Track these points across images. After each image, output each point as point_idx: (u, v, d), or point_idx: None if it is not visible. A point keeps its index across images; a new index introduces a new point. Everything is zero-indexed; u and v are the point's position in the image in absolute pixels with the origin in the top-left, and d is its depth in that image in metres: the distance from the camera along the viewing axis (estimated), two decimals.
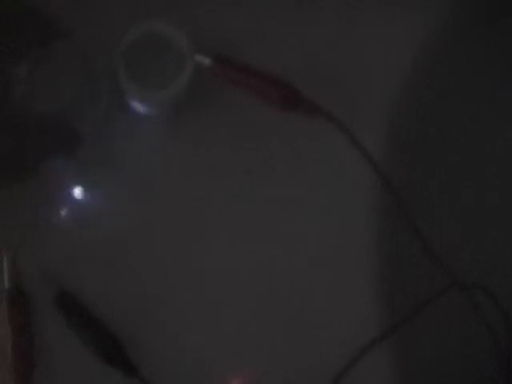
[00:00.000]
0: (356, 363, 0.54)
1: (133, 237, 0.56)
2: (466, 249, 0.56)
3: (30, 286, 0.55)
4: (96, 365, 0.53)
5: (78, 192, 0.56)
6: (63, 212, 0.56)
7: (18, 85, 0.51)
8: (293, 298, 0.56)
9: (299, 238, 0.56)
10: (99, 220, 0.56)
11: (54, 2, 0.55)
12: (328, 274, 0.56)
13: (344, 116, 0.53)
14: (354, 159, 0.54)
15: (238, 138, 0.57)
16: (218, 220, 0.57)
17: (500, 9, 0.59)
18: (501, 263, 0.56)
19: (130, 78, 0.52)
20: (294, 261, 0.56)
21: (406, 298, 0.55)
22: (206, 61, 0.53)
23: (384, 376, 0.55)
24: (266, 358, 0.55)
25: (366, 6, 0.57)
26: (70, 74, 0.51)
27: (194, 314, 0.55)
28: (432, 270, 0.55)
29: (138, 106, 0.55)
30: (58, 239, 0.56)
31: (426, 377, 0.55)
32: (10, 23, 0.52)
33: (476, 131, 0.58)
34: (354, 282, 0.56)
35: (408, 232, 0.54)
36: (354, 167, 0.55)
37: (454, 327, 0.55)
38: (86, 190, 0.56)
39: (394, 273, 0.55)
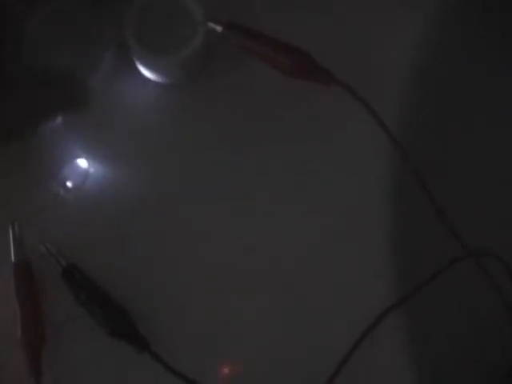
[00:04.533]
0: (369, 334, 0.54)
1: (141, 209, 0.55)
2: (480, 218, 0.56)
3: (37, 259, 0.54)
4: (106, 339, 0.52)
5: (83, 162, 0.55)
6: (69, 183, 0.55)
7: (28, 38, 0.50)
8: (304, 270, 0.55)
9: (311, 209, 0.56)
10: (106, 191, 0.55)
11: None
12: (340, 245, 0.55)
13: (357, 85, 0.53)
14: (367, 128, 0.54)
15: (250, 108, 0.56)
16: (227, 191, 0.56)
17: None
18: None
19: (139, 41, 0.52)
20: (306, 233, 0.55)
21: (419, 267, 0.54)
22: (218, 28, 0.52)
23: (397, 346, 0.54)
24: (279, 332, 0.54)
25: None
26: (80, 30, 0.50)
27: (205, 289, 0.55)
28: (446, 240, 0.54)
29: (147, 71, 0.54)
30: (63, 212, 0.55)
31: (438, 347, 0.54)
32: None
33: (494, 98, 0.58)
34: (367, 252, 0.55)
35: (422, 201, 0.54)
36: (368, 136, 0.55)
37: (467, 296, 0.55)
38: (91, 159, 0.55)
39: (407, 242, 0.55)
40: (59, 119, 0.54)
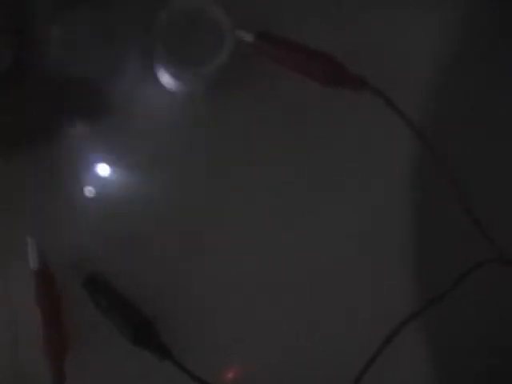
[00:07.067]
0: (392, 339, 0.54)
1: (163, 217, 0.55)
2: (508, 222, 0.56)
3: (58, 267, 0.53)
4: (129, 347, 0.52)
5: (102, 168, 0.55)
6: (90, 190, 0.55)
7: (53, 43, 0.49)
8: (326, 276, 0.55)
9: (332, 215, 0.56)
10: (126, 198, 0.55)
11: None
12: (365, 247, 0.56)
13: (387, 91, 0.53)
14: (399, 133, 0.54)
15: (278, 116, 0.56)
16: (251, 199, 0.56)
17: None
18: None
19: (167, 52, 0.51)
20: (327, 239, 0.56)
21: (445, 271, 0.55)
22: (247, 37, 0.51)
23: (420, 352, 0.55)
24: (301, 340, 0.55)
25: None
26: (105, 37, 0.50)
27: (228, 296, 0.55)
28: (473, 243, 0.55)
29: (174, 82, 0.54)
30: (84, 219, 0.54)
31: (462, 352, 0.55)
32: None
33: None
34: (392, 254, 0.55)
35: (450, 203, 0.54)
36: (399, 141, 0.55)
37: (491, 301, 0.55)
38: (110, 165, 0.55)
39: (434, 245, 0.55)
40: (81, 125, 0.53)
